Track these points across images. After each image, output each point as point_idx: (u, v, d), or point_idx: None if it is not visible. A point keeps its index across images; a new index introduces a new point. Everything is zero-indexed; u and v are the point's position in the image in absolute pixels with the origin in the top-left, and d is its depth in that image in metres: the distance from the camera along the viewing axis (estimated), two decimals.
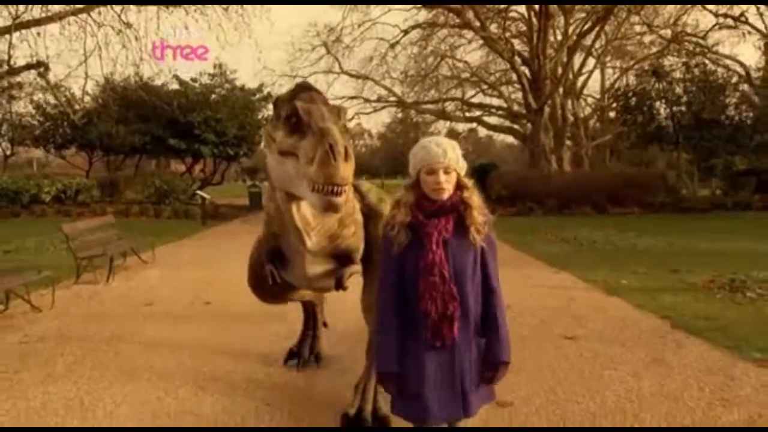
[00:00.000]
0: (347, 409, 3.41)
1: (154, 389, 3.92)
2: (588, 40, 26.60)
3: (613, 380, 4.06)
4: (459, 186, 2.17)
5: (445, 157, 2.11)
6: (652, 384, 3.98)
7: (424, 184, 2.15)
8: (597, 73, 35.12)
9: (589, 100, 37.56)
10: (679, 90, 21.13)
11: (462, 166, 2.18)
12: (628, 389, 3.89)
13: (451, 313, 2.08)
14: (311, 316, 4.56)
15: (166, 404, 3.68)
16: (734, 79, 21.64)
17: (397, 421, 2.57)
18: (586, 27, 24.98)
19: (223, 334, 5.26)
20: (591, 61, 31.20)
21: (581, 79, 32.68)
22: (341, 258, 3.18)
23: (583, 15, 26.21)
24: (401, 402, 2.23)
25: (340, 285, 3.17)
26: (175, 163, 30.38)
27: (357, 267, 3.29)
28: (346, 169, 2.18)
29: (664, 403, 3.63)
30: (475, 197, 2.17)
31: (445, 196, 2.13)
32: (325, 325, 4.75)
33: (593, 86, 37.42)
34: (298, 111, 2.40)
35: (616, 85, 31.91)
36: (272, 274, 3.19)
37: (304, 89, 2.59)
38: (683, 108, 20.67)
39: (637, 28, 28.29)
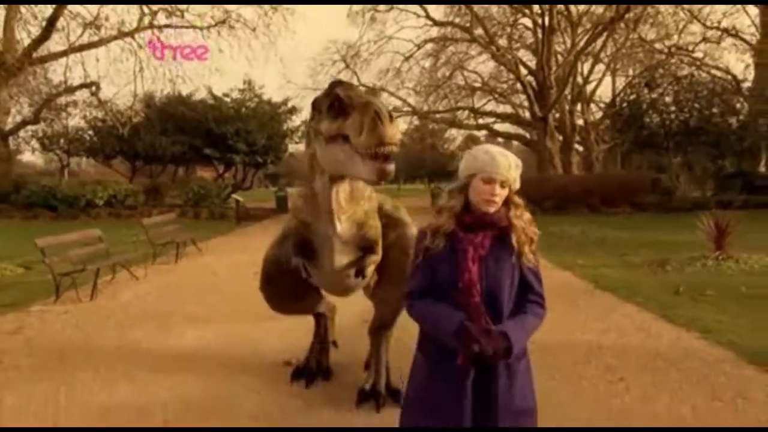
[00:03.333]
0: (363, 385, 3.78)
1: (233, 321, 6.13)
2: (596, 48, 28.09)
3: None
4: (507, 203, 2.06)
5: (509, 171, 2.01)
6: (559, 315, 6.01)
7: (476, 191, 2.02)
8: (610, 79, 36.55)
9: (602, 105, 39.07)
10: (669, 99, 22.98)
11: (516, 185, 2.07)
12: None
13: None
14: (322, 329, 4.36)
15: (239, 329, 5.88)
16: (722, 88, 23.37)
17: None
18: (591, 36, 26.59)
19: None
20: (603, 67, 32.72)
21: (592, 85, 34.27)
22: (365, 249, 3.31)
23: (588, 26, 28.09)
24: (411, 416, 2.14)
25: (360, 272, 3.27)
26: (200, 170, 33.00)
27: (376, 257, 3.40)
28: (392, 129, 2.28)
29: (556, 322, 5.70)
30: (525, 216, 2.07)
31: (493, 209, 2.02)
32: (335, 344, 4.57)
33: (606, 92, 38.77)
34: (340, 95, 2.53)
35: (621, 94, 33.45)
36: (304, 267, 3.25)
37: (338, 84, 2.71)
38: (672, 116, 22.51)
39: (649, 36, 29.60)
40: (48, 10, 22.39)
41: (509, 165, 2.00)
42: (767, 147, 23.20)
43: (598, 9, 27.36)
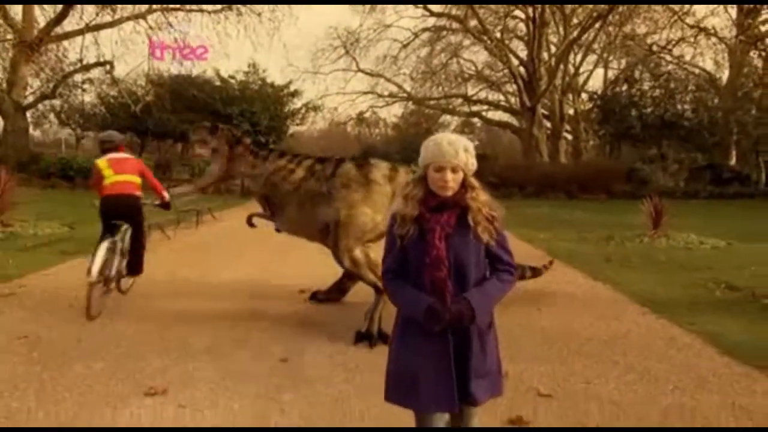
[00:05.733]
0: (360, 329, 4.70)
1: (252, 268, 7.82)
2: (588, 39, 29.21)
3: None
4: (464, 185, 2.18)
5: (456, 157, 2.12)
6: None
7: (431, 180, 2.16)
8: (601, 70, 37.50)
9: (594, 96, 39.94)
10: (647, 94, 24.68)
11: (471, 168, 2.19)
12: None
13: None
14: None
15: (260, 271, 7.56)
16: (695, 86, 25.04)
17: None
18: (583, 28, 27.83)
19: (286, 245, 9.14)
20: (595, 58, 33.81)
21: (584, 75, 35.43)
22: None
23: (581, 18, 29.24)
24: (394, 389, 2.25)
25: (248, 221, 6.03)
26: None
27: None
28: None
29: None
30: (481, 198, 2.18)
31: (450, 193, 2.15)
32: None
33: (597, 83, 39.71)
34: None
35: (610, 87, 34.62)
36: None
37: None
38: (649, 111, 24.19)
39: (639, 30, 30.70)
40: None
41: (456, 151, 2.13)
42: (737, 142, 24.90)
43: None
